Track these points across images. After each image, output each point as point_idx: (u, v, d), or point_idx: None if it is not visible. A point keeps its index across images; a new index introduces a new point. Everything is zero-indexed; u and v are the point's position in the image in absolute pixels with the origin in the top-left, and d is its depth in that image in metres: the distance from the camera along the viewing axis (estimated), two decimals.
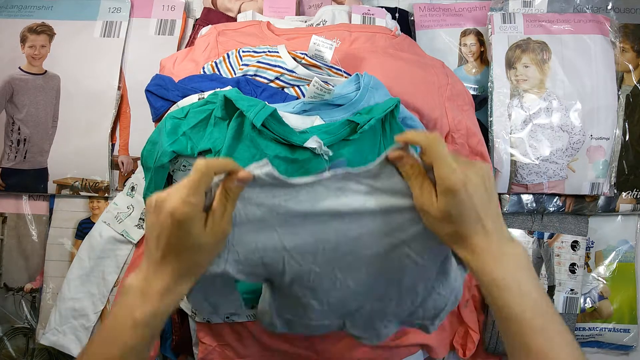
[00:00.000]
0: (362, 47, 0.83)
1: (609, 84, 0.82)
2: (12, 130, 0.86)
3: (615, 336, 0.86)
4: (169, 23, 0.92)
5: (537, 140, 0.81)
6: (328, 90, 0.64)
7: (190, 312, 0.74)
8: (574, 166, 0.81)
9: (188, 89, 0.76)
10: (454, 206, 0.47)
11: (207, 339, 0.75)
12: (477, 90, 0.90)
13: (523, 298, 0.45)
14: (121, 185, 0.86)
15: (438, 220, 0.49)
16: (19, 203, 0.88)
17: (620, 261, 0.87)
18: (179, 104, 0.74)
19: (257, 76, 0.77)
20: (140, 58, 0.89)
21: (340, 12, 0.89)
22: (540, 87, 0.82)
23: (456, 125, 0.77)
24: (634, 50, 0.86)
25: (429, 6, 0.95)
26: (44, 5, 0.91)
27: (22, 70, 0.87)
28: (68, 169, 0.85)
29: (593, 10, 0.87)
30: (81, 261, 0.80)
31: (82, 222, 0.86)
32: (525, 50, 0.84)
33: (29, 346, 0.87)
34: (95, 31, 0.89)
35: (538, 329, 0.44)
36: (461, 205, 0.47)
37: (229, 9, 0.94)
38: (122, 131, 0.87)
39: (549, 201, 0.83)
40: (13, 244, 0.88)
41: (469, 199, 0.47)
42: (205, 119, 0.68)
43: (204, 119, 0.68)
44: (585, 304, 0.86)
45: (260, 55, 0.78)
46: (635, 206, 0.85)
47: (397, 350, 0.77)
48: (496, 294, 0.46)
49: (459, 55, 0.93)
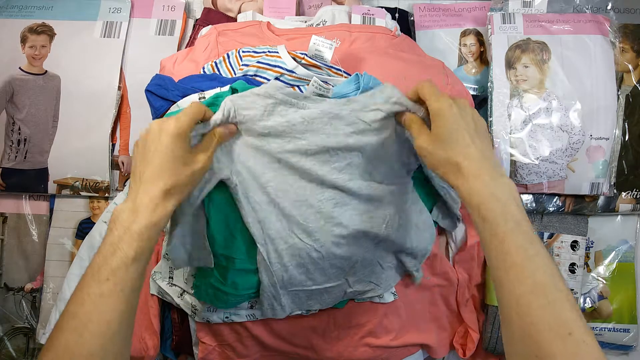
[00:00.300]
0: (362, 47, 0.83)
1: (608, 84, 0.82)
2: (12, 130, 0.86)
3: (614, 336, 0.86)
4: (169, 23, 0.92)
5: (536, 141, 0.81)
6: (327, 90, 0.64)
7: (190, 312, 0.74)
8: (574, 166, 0.81)
9: (188, 88, 0.76)
10: (444, 126, 0.53)
11: (207, 339, 0.75)
12: (477, 90, 0.91)
13: (507, 217, 0.48)
14: (121, 185, 0.86)
15: (433, 151, 0.54)
16: (19, 203, 0.88)
17: (620, 261, 0.87)
18: (179, 104, 0.74)
19: (257, 76, 0.77)
20: (140, 58, 0.89)
21: (340, 12, 0.90)
22: (540, 88, 0.82)
23: None
24: (634, 50, 0.86)
25: (429, 6, 0.95)
26: (44, 6, 0.91)
27: (22, 71, 0.88)
28: (68, 169, 0.85)
29: (593, 10, 0.87)
30: (81, 261, 0.80)
31: (83, 222, 0.86)
32: (525, 50, 0.84)
33: (29, 346, 0.87)
34: (95, 31, 0.89)
35: (519, 245, 0.47)
36: (450, 125, 0.52)
37: (229, 9, 0.94)
38: (123, 131, 0.87)
39: (548, 201, 0.84)
40: (13, 244, 0.88)
41: (456, 120, 0.52)
42: None
43: None
44: (585, 304, 0.86)
45: (260, 55, 0.78)
46: (635, 206, 0.85)
47: (397, 350, 0.77)
48: (483, 212, 0.49)
49: (458, 55, 0.93)
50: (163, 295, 0.75)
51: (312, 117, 0.63)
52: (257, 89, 0.63)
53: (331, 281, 0.70)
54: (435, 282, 0.79)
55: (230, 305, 0.71)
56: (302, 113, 0.63)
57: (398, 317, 0.76)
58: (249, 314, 0.73)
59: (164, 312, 0.79)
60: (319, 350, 0.75)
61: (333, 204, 0.65)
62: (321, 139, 0.63)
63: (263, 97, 0.62)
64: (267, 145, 0.64)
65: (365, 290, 0.73)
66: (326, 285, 0.70)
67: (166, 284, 0.74)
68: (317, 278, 0.69)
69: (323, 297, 0.71)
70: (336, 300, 0.73)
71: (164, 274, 0.75)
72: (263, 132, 0.63)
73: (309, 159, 0.64)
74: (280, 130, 0.63)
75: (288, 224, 0.66)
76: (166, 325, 0.79)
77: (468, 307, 0.82)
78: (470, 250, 0.81)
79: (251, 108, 0.62)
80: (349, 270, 0.70)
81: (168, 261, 0.75)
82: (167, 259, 0.75)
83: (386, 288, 0.74)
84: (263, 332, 0.74)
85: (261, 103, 0.62)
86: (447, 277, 0.79)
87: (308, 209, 0.66)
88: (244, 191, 0.64)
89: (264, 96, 0.62)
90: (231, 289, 0.68)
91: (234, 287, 0.68)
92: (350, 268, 0.70)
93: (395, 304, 0.75)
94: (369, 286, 0.72)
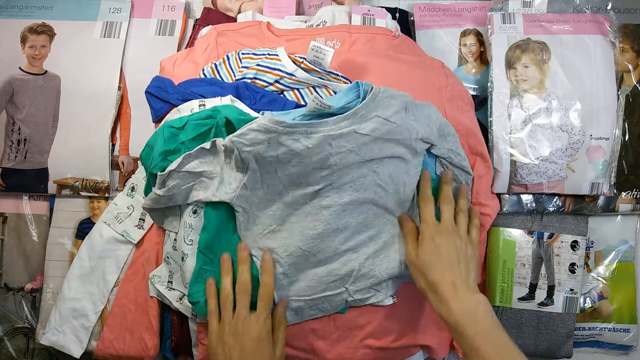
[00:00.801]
0: (361, 49, 0.83)
1: (608, 84, 0.82)
2: (12, 130, 0.86)
3: (614, 336, 0.86)
4: (169, 23, 0.92)
5: (536, 140, 0.81)
6: (328, 107, 0.64)
7: (190, 314, 0.74)
8: (574, 166, 0.81)
9: (188, 92, 0.76)
10: (425, 253, 0.64)
11: (207, 340, 0.75)
12: (477, 90, 0.90)
13: (480, 329, 0.57)
14: (121, 185, 0.86)
15: (418, 266, 0.65)
16: (19, 203, 0.88)
17: (620, 261, 0.87)
18: (180, 109, 0.75)
19: (257, 79, 0.77)
20: (140, 58, 0.89)
21: (340, 12, 0.89)
22: (540, 87, 0.82)
23: (456, 126, 0.77)
24: (634, 50, 0.86)
25: (429, 6, 0.95)
26: (44, 6, 0.91)
27: (22, 71, 0.88)
28: (68, 169, 0.85)
29: (593, 10, 0.87)
30: (81, 261, 0.80)
31: (83, 222, 0.86)
32: (525, 50, 0.84)
33: (29, 346, 0.87)
34: (95, 31, 0.89)
35: (493, 352, 0.56)
36: (430, 254, 0.64)
37: (229, 9, 0.94)
38: (123, 131, 0.87)
39: (548, 201, 0.83)
40: (13, 244, 0.88)
41: (437, 250, 0.64)
42: (205, 133, 0.69)
43: (204, 132, 0.68)
44: (584, 304, 0.86)
45: (259, 57, 0.78)
46: (635, 206, 0.85)
47: (398, 352, 0.77)
48: (460, 329, 0.58)
49: (458, 55, 0.93)
50: (162, 298, 0.75)
51: (316, 144, 0.63)
52: (253, 124, 0.62)
53: (330, 290, 0.71)
54: None
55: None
56: (305, 142, 0.62)
57: (398, 319, 0.76)
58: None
59: (163, 313, 0.79)
60: (320, 352, 0.75)
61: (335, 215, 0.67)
62: (325, 159, 0.64)
63: (264, 132, 0.62)
64: (273, 170, 0.65)
65: (367, 297, 0.73)
66: (327, 294, 0.70)
67: (165, 288, 0.74)
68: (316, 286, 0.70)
69: (324, 306, 0.72)
70: (337, 308, 0.73)
71: (163, 278, 0.75)
72: (270, 160, 0.64)
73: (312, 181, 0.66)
74: (287, 158, 0.63)
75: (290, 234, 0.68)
76: (165, 326, 0.79)
77: None
78: None
79: (255, 144, 0.62)
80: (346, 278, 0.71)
81: (168, 265, 0.75)
82: (167, 263, 0.75)
83: (387, 294, 0.74)
84: None
85: (263, 137, 0.62)
86: None
87: (308, 216, 0.67)
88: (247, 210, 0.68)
89: (264, 131, 0.62)
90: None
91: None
92: (347, 277, 0.71)
93: (396, 306, 0.75)
94: (370, 292, 0.73)
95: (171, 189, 0.66)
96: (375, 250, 0.71)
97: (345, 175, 0.66)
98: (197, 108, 0.73)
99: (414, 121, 0.68)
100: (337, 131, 0.63)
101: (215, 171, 0.67)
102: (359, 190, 0.67)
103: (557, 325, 0.81)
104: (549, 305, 0.81)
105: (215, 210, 0.68)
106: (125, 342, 0.77)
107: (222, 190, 0.67)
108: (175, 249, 0.72)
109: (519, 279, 0.82)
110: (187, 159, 0.65)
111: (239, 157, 0.64)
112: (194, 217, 0.70)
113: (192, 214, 0.70)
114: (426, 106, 0.70)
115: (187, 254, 0.70)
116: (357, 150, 0.64)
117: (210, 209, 0.68)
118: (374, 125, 0.64)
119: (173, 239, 0.73)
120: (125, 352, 0.77)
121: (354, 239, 0.70)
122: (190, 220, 0.70)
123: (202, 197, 0.67)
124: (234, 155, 0.64)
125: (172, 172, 0.65)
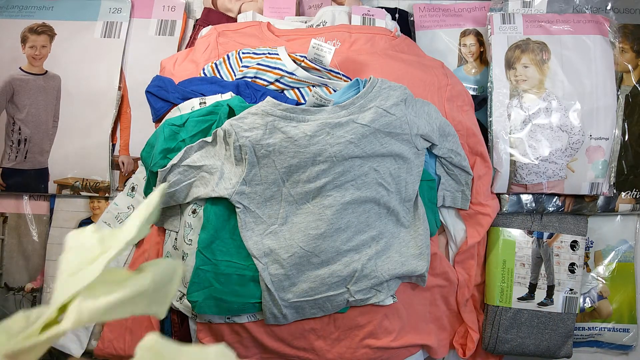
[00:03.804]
0: (361, 48, 0.83)
1: (608, 84, 0.82)
2: (12, 131, 0.86)
3: (614, 336, 0.86)
4: (169, 23, 0.92)
5: (536, 141, 0.81)
6: (327, 101, 0.64)
7: (190, 314, 0.74)
8: (574, 166, 0.81)
9: (188, 91, 0.76)
10: None
11: (207, 340, 0.75)
12: (477, 90, 0.91)
13: None
14: (122, 185, 0.86)
15: None
16: (19, 203, 0.88)
17: (619, 261, 0.87)
18: (181, 108, 0.75)
19: (257, 78, 0.77)
20: (140, 58, 0.89)
21: (340, 12, 0.90)
22: (540, 88, 0.82)
23: (456, 126, 0.78)
24: (634, 50, 0.86)
25: (429, 7, 0.95)
26: (44, 6, 0.91)
27: (22, 71, 0.88)
28: (69, 169, 0.85)
29: (592, 10, 0.87)
30: None
31: (83, 222, 0.86)
32: (525, 50, 0.84)
33: None
34: (95, 31, 0.89)
35: None
36: None
37: (229, 9, 0.94)
38: (123, 131, 0.87)
39: (548, 201, 0.84)
40: (14, 244, 0.88)
41: None
42: (206, 129, 0.69)
43: (205, 129, 0.69)
44: (584, 304, 0.86)
45: (260, 57, 0.78)
46: (635, 206, 0.85)
47: (398, 351, 0.77)
48: None
49: (458, 55, 0.93)
50: None
51: (314, 130, 0.63)
52: (252, 108, 0.64)
53: (332, 290, 0.71)
54: (435, 283, 0.79)
55: (233, 312, 0.71)
56: (303, 128, 0.63)
57: (398, 318, 0.76)
58: (250, 314, 0.73)
59: None
60: (320, 352, 0.75)
61: (334, 211, 0.67)
62: (324, 149, 0.64)
63: (262, 116, 0.62)
64: (271, 162, 0.65)
65: (368, 297, 0.73)
66: (328, 294, 0.71)
67: None
68: (317, 287, 0.70)
69: (325, 306, 0.72)
70: (338, 308, 0.73)
71: None
72: (267, 150, 0.64)
73: (314, 173, 0.66)
74: (284, 146, 0.64)
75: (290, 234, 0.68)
76: (166, 326, 0.79)
77: (468, 307, 0.82)
78: (471, 250, 0.81)
79: (253, 129, 0.63)
80: (348, 279, 0.71)
81: None
82: None
83: (388, 294, 0.74)
84: (263, 334, 0.74)
85: (261, 122, 0.62)
86: (447, 277, 0.79)
87: (310, 216, 0.68)
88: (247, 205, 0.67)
89: (262, 115, 0.62)
90: (233, 297, 0.68)
91: (235, 295, 0.68)
92: (349, 278, 0.71)
93: (396, 305, 0.76)
94: (371, 293, 0.73)
95: (172, 185, 0.66)
96: (377, 251, 0.71)
97: (347, 173, 0.66)
98: (198, 106, 0.74)
99: (414, 116, 0.68)
100: (335, 119, 0.63)
101: (215, 165, 0.67)
102: (361, 188, 0.67)
103: (556, 325, 0.82)
104: (549, 305, 0.82)
105: (215, 207, 0.68)
106: (125, 341, 0.77)
107: (221, 186, 0.67)
108: (176, 248, 0.72)
109: (518, 279, 0.82)
110: (188, 152, 0.66)
111: (237, 143, 0.63)
112: (193, 216, 0.70)
113: (192, 214, 0.70)
114: (426, 104, 0.70)
115: (187, 254, 0.70)
116: (357, 142, 0.64)
117: (209, 206, 0.69)
118: (373, 115, 0.64)
119: (174, 239, 0.73)
120: (125, 352, 0.77)
121: (355, 239, 0.70)
122: (189, 219, 0.70)
123: (202, 194, 0.67)
124: (232, 142, 0.64)
125: (173, 166, 0.65)
